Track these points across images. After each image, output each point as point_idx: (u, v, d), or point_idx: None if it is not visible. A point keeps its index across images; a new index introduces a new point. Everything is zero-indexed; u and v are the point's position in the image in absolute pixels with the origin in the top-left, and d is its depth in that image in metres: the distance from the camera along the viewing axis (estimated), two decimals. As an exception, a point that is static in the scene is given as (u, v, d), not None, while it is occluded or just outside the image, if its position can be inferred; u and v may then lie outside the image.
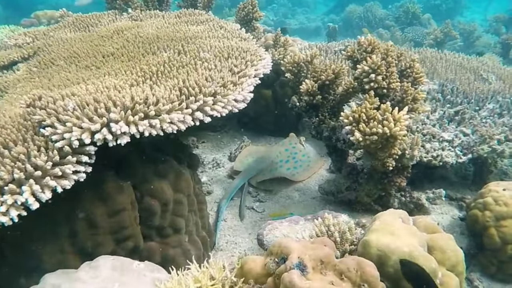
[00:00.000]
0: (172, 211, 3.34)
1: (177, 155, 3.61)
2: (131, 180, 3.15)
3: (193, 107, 2.99)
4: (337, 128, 4.38)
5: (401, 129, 3.26)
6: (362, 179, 4.36)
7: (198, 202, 3.78)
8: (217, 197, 5.01)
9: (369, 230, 2.92)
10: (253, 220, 4.60)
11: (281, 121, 6.44)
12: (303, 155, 5.62)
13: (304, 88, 4.28)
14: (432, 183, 5.09)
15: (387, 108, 3.36)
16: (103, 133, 2.62)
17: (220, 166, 5.72)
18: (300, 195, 5.09)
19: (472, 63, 6.40)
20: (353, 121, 3.50)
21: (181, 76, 3.33)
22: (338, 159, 4.68)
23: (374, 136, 3.33)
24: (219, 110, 3.12)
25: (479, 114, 5.22)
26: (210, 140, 6.47)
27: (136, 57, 3.92)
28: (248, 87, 3.51)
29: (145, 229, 3.26)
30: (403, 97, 3.76)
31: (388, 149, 3.50)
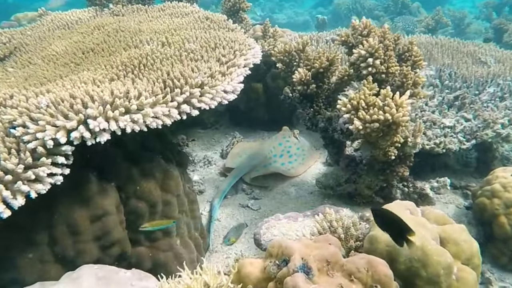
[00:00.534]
0: (161, 213, 3.11)
1: (165, 153, 3.37)
2: (115, 182, 2.91)
3: (179, 99, 2.76)
4: (333, 118, 4.16)
5: (404, 114, 3.04)
6: (361, 170, 4.15)
7: (189, 202, 3.54)
8: (210, 196, 4.77)
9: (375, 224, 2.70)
10: (248, 219, 4.37)
11: (274, 115, 6.21)
12: (298, 149, 5.40)
13: (297, 77, 4.05)
14: (434, 172, 4.88)
15: (388, 93, 3.14)
16: (80, 131, 2.37)
17: (211, 164, 5.48)
18: (297, 190, 4.87)
19: (469, 47, 6.20)
20: (351, 109, 3.28)
21: (165, 68, 3.09)
22: (335, 151, 4.45)
23: (375, 123, 3.11)
24: (207, 102, 2.89)
25: (479, 98, 5.02)
26: (200, 137, 6.22)
27: (117, 52, 3.67)
28: (237, 77, 3.28)
29: (133, 233, 3.03)
30: (403, 81, 3.54)
31: (390, 137, 3.28)
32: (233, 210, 4.52)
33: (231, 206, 4.60)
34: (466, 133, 4.58)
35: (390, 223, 2.35)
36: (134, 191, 2.97)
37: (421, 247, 2.48)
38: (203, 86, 2.92)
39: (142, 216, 2.99)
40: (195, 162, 5.48)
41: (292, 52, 4.33)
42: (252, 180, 4.97)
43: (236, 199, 4.74)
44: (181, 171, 3.51)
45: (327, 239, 2.31)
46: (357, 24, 3.61)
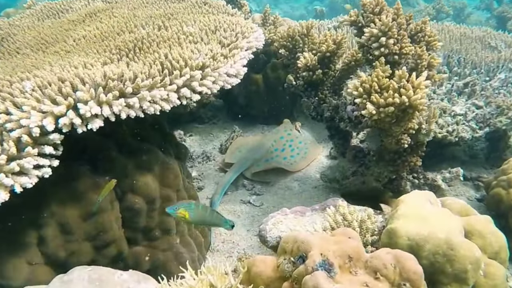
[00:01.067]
0: (159, 209, 2.86)
1: (162, 145, 3.13)
2: (110, 175, 2.67)
3: (178, 82, 2.51)
4: (340, 106, 3.93)
5: (421, 97, 2.81)
6: (370, 161, 3.91)
7: (190, 197, 3.30)
8: (209, 193, 4.53)
9: (394, 217, 2.48)
10: (250, 215, 4.14)
11: (274, 108, 5.97)
12: (300, 142, 5.17)
13: (303, 62, 3.81)
14: (442, 163, 4.67)
15: (404, 74, 2.91)
16: (69, 117, 2.13)
17: (210, 159, 5.24)
18: (300, 185, 4.63)
19: (476, 32, 5.99)
20: (363, 93, 3.04)
21: (162, 51, 2.84)
22: (341, 142, 4.22)
23: (389, 107, 2.87)
24: (209, 85, 2.65)
25: (490, 84, 4.81)
26: (198, 132, 5.98)
27: (110, 37, 3.41)
28: (240, 60, 3.04)
29: (130, 232, 2.79)
30: (417, 63, 3.30)
31: (404, 123, 3.05)
32: (234, 207, 4.29)
33: (231, 202, 4.37)
34: (478, 120, 4.36)
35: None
36: (130, 185, 2.73)
37: (446, 240, 2.27)
38: (204, 68, 2.68)
39: (140, 213, 2.75)
40: (193, 158, 5.24)
41: (296, 37, 4.09)
42: (253, 175, 4.74)
43: (237, 195, 4.50)
44: (180, 165, 3.27)
45: (346, 232, 2.08)
46: (367, 1, 3.37)
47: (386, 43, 3.22)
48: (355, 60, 3.91)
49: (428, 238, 2.27)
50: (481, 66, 5.09)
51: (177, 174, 2.96)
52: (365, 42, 3.34)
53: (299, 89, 4.18)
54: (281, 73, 5.68)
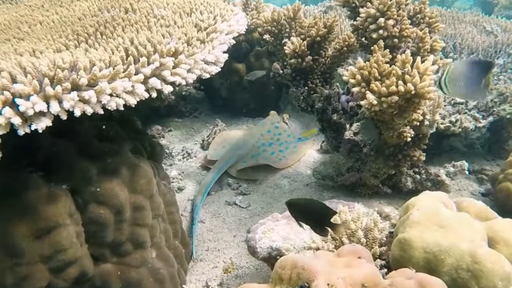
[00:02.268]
0: (130, 220, 2.45)
1: (133, 145, 2.71)
2: (68, 183, 2.25)
3: (146, 71, 2.10)
4: (333, 96, 3.55)
5: (430, 84, 2.44)
6: (367, 156, 3.55)
7: (166, 203, 2.90)
8: (190, 194, 4.13)
9: (406, 224, 2.11)
10: (237, 219, 3.74)
11: (259, 99, 5.57)
12: (289, 136, 4.78)
13: (291, 48, 3.41)
14: (440, 156, 4.34)
15: (408, 58, 2.53)
16: (5, 116, 1.70)
17: (191, 156, 4.82)
18: (291, 183, 4.26)
19: (469, 17, 5.65)
20: (361, 81, 2.66)
21: (128, 35, 2.42)
22: (334, 135, 3.85)
23: (393, 96, 2.50)
24: (183, 75, 2.23)
25: (489, 71, 4.47)
26: (178, 127, 5.55)
27: (70, 21, 2.97)
28: (220, 45, 2.63)
29: (95, 248, 2.37)
30: (419, 47, 2.94)
31: (408, 114, 2.68)
32: (218, 209, 3.89)
33: (215, 204, 3.97)
34: (480, 109, 4.03)
35: (309, 212, 2.08)
36: (94, 194, 2.30)
37: (470, 252, 1.91)
38: (177, 54, 2.26)
39: (106, 226, 2.33)
40: (172, 155, 4.82)
41: (282, 21, 3.69)
42: (239, 173, 4.35)
43: (221, 196, 4.11)
44: (155, 166, 2.86)
45: (355, 251, 1.71)
46: (363, -22, 2.99)
47: (385, 25, 2.85)
48: (348, 46, 3.54)
49: (448, 249, 1.92)
50: (478, 51, 4.75)
51: (149, 178, 2.55)
52: (360, 24, 2.96)
53: (287, 78, 3.79)
54: (266, 61, 5.30)
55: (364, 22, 2.89)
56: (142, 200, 2.51)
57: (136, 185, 2.48)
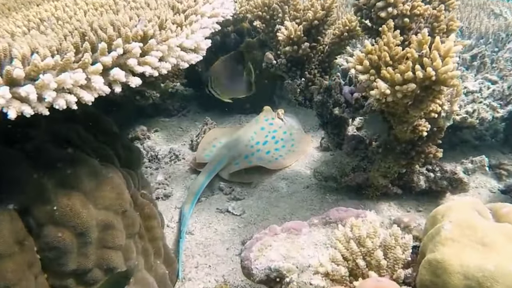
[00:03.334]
0: (97, 242, 2.03)
1: (100, 150, 2.29)
2: (16, 202, 1.83)
3: (106, 60, 1.67)
4: (334, 87, 3.14)
5: (453, 68, 2.03)
6: (374, 154, 3.14)
7: (145, 217, 2.48)
8: (178, 201, 3.71)
9: (437, 241, 1.70)
10: (230, 228, 3.33)
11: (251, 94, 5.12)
12: (285, 132, 4.37)
13: (285, 34, 2.99)
14: (452, 150, 3.93)
15: (425, 38, 2.11)
16: None
17: (179, 158, 4.39)
18: (289, 185, 3.84)
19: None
20: (370, 67, 2.24)
21: (87, 18, 2.00)
22: (336, 131, 3.44)
23: (410, 84, 2.08)
24: (154, 64, 1.81)
25: (502, 56, 4.08)
26: (164, 127, 5.11)
27: (25, 7, 2.55)
28: (202, 30, 2.20)
29: (55, 278, 1.96)
30: (434, 27, 2.52)
31: (425, 105, 2.27)
32: (209, 218, 3.47)
33: (206, 212, 3.55)
34: (495, 98, 3.63)
35: None
36: (50, 213, 1.88)
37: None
38: (146, 39, 1.84)
39: (67, 251, 1.92)
40: (159, 158, 4.39)
41: (274, 5, 3.26)
42: (231, 175, 3.92)
43: (212, 202, 3.68)
44: (130, 175, 2.44)
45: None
46: None
47: (394, 1, 2.43)
48: (349, 30, 3.12)
49: (496, 274, 1.50)
50: (488, 35, 4.35)
51: (120, 191, 2.12)
52: (364, 2, 2.54)
53: (281, 69, 3.38)
54: (257, 54, 4.85)
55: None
56: (112, 217, 2.09)
57: (104, 200, 2.06)
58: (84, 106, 1.66)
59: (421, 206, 3.37)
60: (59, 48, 1.64)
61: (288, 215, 3.40)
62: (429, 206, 3.36)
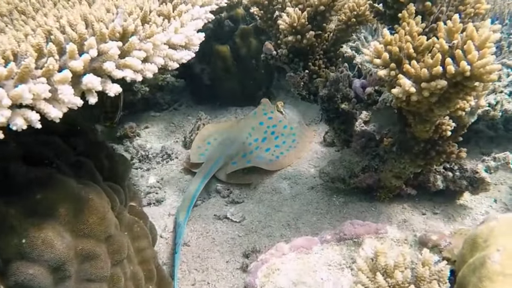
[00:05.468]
0: (77, 276, 1.73)
1: (80, 164, 1.97)
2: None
3: (76, 66, 1.35)
4: (342, 80, 2.82)
5: (491, 61, 1.72)
6: (387, 153, 2.85)
7: (134, 238, 2.18)
8: (172, 207, 3.41)
9: (481, 274, 1.43)
10: (229, 237, 3.03)
11: (247, 86, 4.81)
12: (285, 127, 4.07)
13: (287, 22, 2.66)
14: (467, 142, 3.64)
15: (456, 26, 1.80)
16: None
17: (172, 158, 4.08)
18: (292, 186, 3.54)
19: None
20: (389, 61, 1.93)
21: (53, 12, 1.67)
22: (343, 127, 3.14)
23: (439, 80, 1.77)
24: (136, 66, 1.49)
25: (519, 39, 3.78)
26: (155, 123, 4.79)
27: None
28: (193, 22, 1.88)
29: (28, 321, 1.65)
30: (459, 10, 2.20)
31: (453, 103, 1.97)
32: (206, 226, 3.17)
33: (202, 219, 3.25)
34: (515, 86, 3.34)
35: None
36: (18, 247, 1.58)
37: None
38: (126, 36, 1.52)
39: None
40: (150, 157, 4.08)
41: (273, -11, 2.93)
42: (229, 176, 3.62)
43: (209, 207, 3.38)
44: (116, 190, 2.13)
45: None
46: None
47: (415, -19, 2.11)
48: (357, 16, 2.80)
49: None
50: (504, 16, 4.03)
51: (103, 214, 1.81)
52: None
53: (282, 60, 3.06)
54: (253, 42, 4.56)
55: (387, -20, 2.15)
56: (94, 245, 1.78)
57: (84, 226, 1.76)
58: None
59: (437, 207, 3.10)
60: (16, 52, 1.32)
61: (293, 220, 3.12)
62: (446, 207, 3.09)
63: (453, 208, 3.08)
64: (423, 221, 2.98)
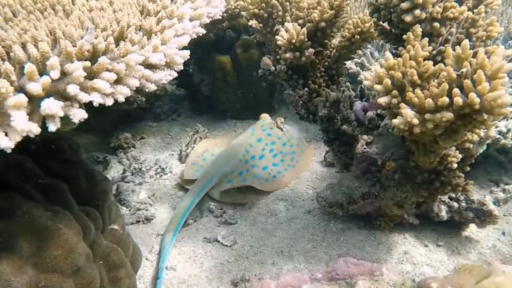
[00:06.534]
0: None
1: (50, 188, 1.82)
2: None
3: (34, 89, 1.20)
4: (343, 101, 2.66)
5: (503, 93, 1.55)
6: (389, 179, 2.67)
7: (110, 267, 2.01)
8: (161, 225, 3.24)
9: None
10: (218, 263, 2.86)
11: (248, 98, 4.65)
12: (284, 144, 3.90)
13: (285, 38, 2.50)
14: (476, 169, 3.45)
15: (466, 52, 1.63)
16: None
17: (166, 172, 3.92)
18: (288, 208, 3.37)
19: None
20: (392, 87, 1.76)
21: (22, 25, 1.51)
22: (344, 149, 2.97)
23: (445, 113, 1.60)
24: (105, 90, 1.33)
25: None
26: (152, 133, 4.64)
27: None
28: (178, 38, 1.72)
29: None
30: (471, 33, 2.03)
31: (460, 136, 1.79)
32: (195, 249, 3.00)
33: (191, 240, 3.08)
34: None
35: None
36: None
37: None
38: (95, 56, 1.36)
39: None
40: (143, 170, 3.92)
41: (273, 1, 2.76)
42: (223, 195, 3.45)
43: (200, 228, 3.21)
44: (90, 215, 1.97)
45: None
46: None
47: (423, 2, 1.94)
48: (361, 33, 2.63)
49: None
50: None
51: (71, 246, 1.65)
52: (386, 1, 2.04)
53: (281, 77, 2.90)
54: (255, 52, 4.41)
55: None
56: (60, 280, 1.63)
57: (49, 259, 1.60)
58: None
59: (441, 238, 2.91)
60: (-35, 72, 1.17)
61: (286, 247, 2.94)
62: (450, 239, 2.90)
63: (458, 240, 2.89)
64: (425, 253, 2.79)
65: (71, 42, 1.32)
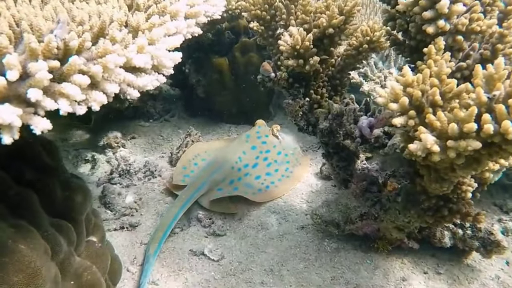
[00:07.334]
0: None
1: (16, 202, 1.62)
2: None
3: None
4: (347, 114, 2.46)
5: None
6: (390, 201, 2.48)
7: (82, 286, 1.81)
8: (145, 234, 3.04)
9: None
10: (203, 279, 2.66)
11: (244, 102, 4.46)
12: (279, 153, 3.70)
13: (289, 43, 2.30)
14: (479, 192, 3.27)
15: (500, 72, 1.44)
16: None
17: (155, 175, 3.72)
18: (280, 222, 3.17)
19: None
20: (409, 108, 1.57)
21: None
22: (343, 165, 2.77)
23: (472, 141, 1.41)
24: (75, 96, 1.13)
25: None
26: (143, 133, 4.44)
27: None
28: (170, 38, 1.52)
29: None
30: (497, 49, 1.84)
31: (482, 166, 1.60)
32: (180, 261, 2.80)
33: (177, 252, 2.88)
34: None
35: None
36: None
37: None
38: (68, 55, 1.16)
39: None
40: (131, 173, 3.70)
41: (276, 3, 2.57)
42: (213, 204, 3.26)
43: (187, 238, 3.02)
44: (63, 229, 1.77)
45: None
46: None
47: (450, 12, 1.75)
48: (370, 42, 2.45)
49: None
50: None
51: (33, 269, 1.45)
52: (405, 8, 1.84)
53: (281, 85, 2.70)
54: (254, 56, 4.22)
55: (413, 5, 1.78)
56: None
57: (6, 286, 1.39)
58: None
59: (441, 265, 2.73)
60: None
61: (277, 265, 2.75)
62: (451, 267, 2.73)
63: (459, 269, 2.71)
64: (424, 281, 2.61)
65: (38, 36, 1.13)
